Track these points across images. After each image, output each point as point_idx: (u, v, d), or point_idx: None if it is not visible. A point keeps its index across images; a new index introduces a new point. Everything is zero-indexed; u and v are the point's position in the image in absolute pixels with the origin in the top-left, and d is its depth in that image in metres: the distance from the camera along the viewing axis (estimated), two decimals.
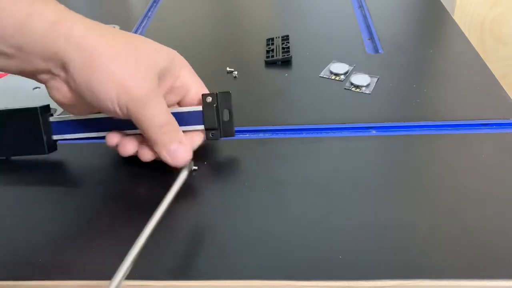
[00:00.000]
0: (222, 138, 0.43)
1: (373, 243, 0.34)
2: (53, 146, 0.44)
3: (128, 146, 0.40)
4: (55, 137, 0.44)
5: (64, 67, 0.35)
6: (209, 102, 0.41)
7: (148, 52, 0.38)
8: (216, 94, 0.41)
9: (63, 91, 0.37)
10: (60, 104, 0.39)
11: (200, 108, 0.41)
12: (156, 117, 0.37)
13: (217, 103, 0.41)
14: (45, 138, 0.43)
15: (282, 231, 0.36)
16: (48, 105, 0.43)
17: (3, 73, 0.59)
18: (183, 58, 0.42)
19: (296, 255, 0.34)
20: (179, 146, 0.38)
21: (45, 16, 0.34)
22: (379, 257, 0.33)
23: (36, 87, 0.56)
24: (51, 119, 0.43)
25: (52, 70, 0.36)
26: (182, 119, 0.41)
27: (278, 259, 0.33)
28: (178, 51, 0.42)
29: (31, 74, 0.37)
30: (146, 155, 0.40)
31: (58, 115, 0.50)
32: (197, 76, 0.42)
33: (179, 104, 0.43)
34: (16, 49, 0.34)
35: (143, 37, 0.40)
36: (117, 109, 0.36)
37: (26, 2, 0.34)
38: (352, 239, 0.35)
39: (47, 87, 0.38)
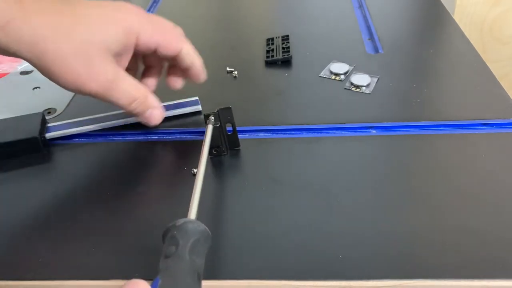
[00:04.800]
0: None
1: (373, 243, 0.34)
2: (46, 143, 0.46)
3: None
4: (48, 135, 0.45)
5: (38, 57, 0.36)
6: (212, 122, 0.42)
7: (100, 38, 0.38)
8: (218, 112, 0.42)
9: None
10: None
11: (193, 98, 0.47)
12: (122, 99, 0.40)
13: (220, 122, 0.42)
14: (39, 137, 0.44)
15: (282, 231, 0.36)
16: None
17: (3, 72, 0.59)
18: (137, 17, 0.40)
19: (296, 255, 0.34)
20: (152, 111, 0.42)
21: None
22: (379, 257, 0.33)
23: (36, 87, 0.56)
24: (49, 124, 0.46)
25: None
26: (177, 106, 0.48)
27: (278, 259, 0.33)
28: None
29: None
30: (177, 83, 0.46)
31: (58, 114, 0.50)
32: (163, 28, 0.42)
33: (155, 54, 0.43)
34: None
35: (95, 9, 0.39)
36: (87, 95, 0.39)
37: None
38: (352, 239, 0.35)
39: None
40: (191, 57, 0.43)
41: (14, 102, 0.53)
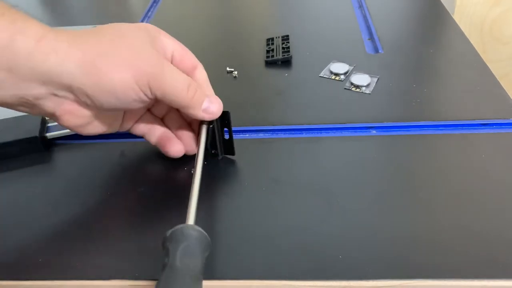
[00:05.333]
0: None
1: (373, 243, 0.34)
2: (48, 143, 0.46)
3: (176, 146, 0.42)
4: (48, 135, 0.45)
5: (68, 87, 0.34)
6: (205, 123, 0.40)
7: (130, 35, 0.36)
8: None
9: (77, 112, 0.35)
10: (76, 129, 0.37)
11: None
12: (179, 80, 0.36)
13: (213, 123, 0.40)
14: (39, 137, 0.44)
15: (282, 231, 0.36)
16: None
17: None
18: (154, 26, 0.40)
19: (296, 255, 0.34)
20: (210, 101, 0.38)
21: (28, 33, 0.31)
22: (379, 257, 0.33)
23: None
24: (49, 124, 0.46)
25: (57, 93, 0.34)
26: None
27: (278, 259, 0.33)
28: None
29: (33, 105, 0.34)
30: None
31: None
32: (177, 41, 0.41)
33: None
34: (6, 71, 0.31)
35: (111, 25, 0.37)
36: (141, 95, 0.35)
37: (7, 21, 0.31)
38: (352, 239, 0.35)
39: (57, 117, 0.36)
40: (205, 79, 0.41)
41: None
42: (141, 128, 0.42)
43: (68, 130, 0.45)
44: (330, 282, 0.31)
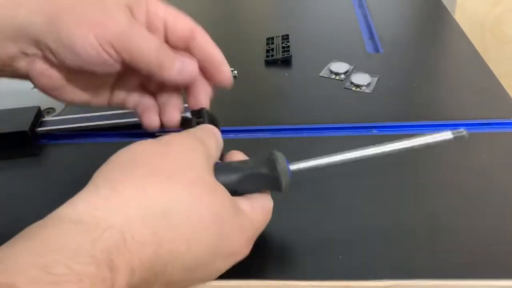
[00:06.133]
0: None
1: (373, 243, 0.34)
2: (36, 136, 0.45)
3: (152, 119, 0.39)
4: (40, 129, 0.45)
5: (36, 42, 0.33)
6: (188, 118, 0.38)
7: None
8: (205, 110, 0.37)
9: (47, 72, 0.35)
10: (53, 92, 0.36)
11: None
12: (146, 44, 0.34)
13: (203, 115, 0.37)
14: (28, 131, 0.44)
15: (282, 230, 0.35)
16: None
17: None
18: None
19: (296, 254, 0.33)
20: (183, 61, 0.36)
21: None
22: (379, 257, 0.33)
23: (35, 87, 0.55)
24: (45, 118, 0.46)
25: (27, 51, 0.33)
26: None
27: (277, 259, 0.33)
28: None
29: (8, 65, 0.34)
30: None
31: (56, 114, 0.50)
32: (170, 5, 0.38)
33: (168, 43, 0.38)
34: None
35: None
36: (104, 54, 0.33)
37: None
38: (352, 239, 0.34)
39: (31, 78, 0.35)
40: (209, 44, 0.38)
41: (12, 101, 0.53)
42: (132, 103, 0.40)
43: (61, 126, 0.44)
44: (330, 282, 0.31)
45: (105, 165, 0.28)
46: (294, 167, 0.32)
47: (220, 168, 0.30)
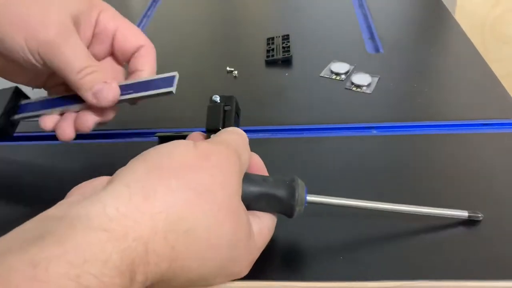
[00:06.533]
0: None
1: (373, 243, 0.34)
2: (12, 126, 0.40)
3: (66, 129, 0.37)
4: (16, 116, 0.40)
5: None
6: (216, 103, 0.37)
7: (54, 0, 0.35)
8: (233, 97, 0.37)
9: None
10: None
11: (157, 76, 0.37)
12: (73, 61, 0.34)
13: (232, 103, 0.37)
14: (2, 118, 0.39)
15: (282, 231, 0.35)
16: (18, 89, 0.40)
17: None
18: (102, 1, 0.38)
19: (296, 255, 0.33)
20: (104, 86, 0.35)
21: None
22: (379, 257, 0.33)
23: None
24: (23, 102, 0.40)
25: None
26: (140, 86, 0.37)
27: (277, 259, 0.33)
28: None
29: None
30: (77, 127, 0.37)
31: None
32: (124, 19, 0.39)
33: (113, 55, 0.40)
34: None
35: None
36: (30, 57, 0.34)
37: None
38: (353, 240, 0.34)
39: None
40: (150, 59, 0.38)
41: None
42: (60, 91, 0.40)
43: (29, 112, 0.40)
44: (330, 283, 0.31)
45: (141, 163, 0.27)
46: (311, 199, 0.32)
47: (244, 177, 0.30)
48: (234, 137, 0.32)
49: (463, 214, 0.34)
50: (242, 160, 0.30)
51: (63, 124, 0.37)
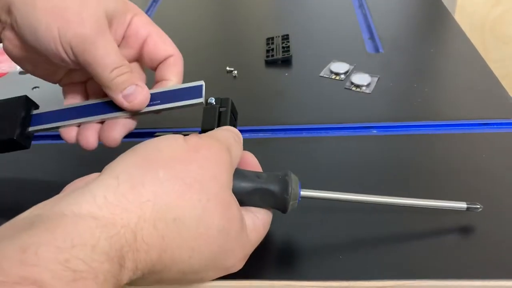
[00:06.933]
0: None
1: (373, 243, 0.34)
2: (28, 138, 0.38)
3: (90, 137, 0.37)
4: (31, 128, 0.38)
5: (8, 9, 0.32)
6: (212, 105, 0.38)
7: None
8: (229, 99, 0.38)
9: (14, 41, 0.34)
10: (14, 58, 0.36)
11: (182, 85, 0.37)
12: (106, 57, 0.33)
13: (228, 105, 0.38)
14: (18, 131, 0.37)
15: (282, 231, 0.35)
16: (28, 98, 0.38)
17: (2, 72, 0.59)
18: (136, 6, 0.38)
19: (296, 255, 0.33)
20: (136, 88, 0.35)
21: None
22: (379, 257, 0.33)
23: (35, 87, 0.56)
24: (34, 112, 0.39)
25: (0, 16, 0.33)
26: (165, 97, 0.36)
27: (278, 259, 0.33)
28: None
29: None
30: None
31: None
32: (156, 26, 0.38)
33: (139, 61, 0.39)
34: None
35: None
36: (60, 49, 0.32)
37: None
38: (352, 239, 0.34)
39: (2, 41, 0.35)
40: (178, 69, 0.37)
41: None
42: (71, 93, 0.39)
43: (47, 124, 0.38)
44: (330, 282, 0.31)
45: (130, 155, 0.27)
46: (305, 193, 0.32)
47: (236, 173, 0.30)
48: (225, 133, 0.32)
49: (462, 205, 0.34)
50: (233, 155, 0.30)
51: (86, 132, 0.37)
